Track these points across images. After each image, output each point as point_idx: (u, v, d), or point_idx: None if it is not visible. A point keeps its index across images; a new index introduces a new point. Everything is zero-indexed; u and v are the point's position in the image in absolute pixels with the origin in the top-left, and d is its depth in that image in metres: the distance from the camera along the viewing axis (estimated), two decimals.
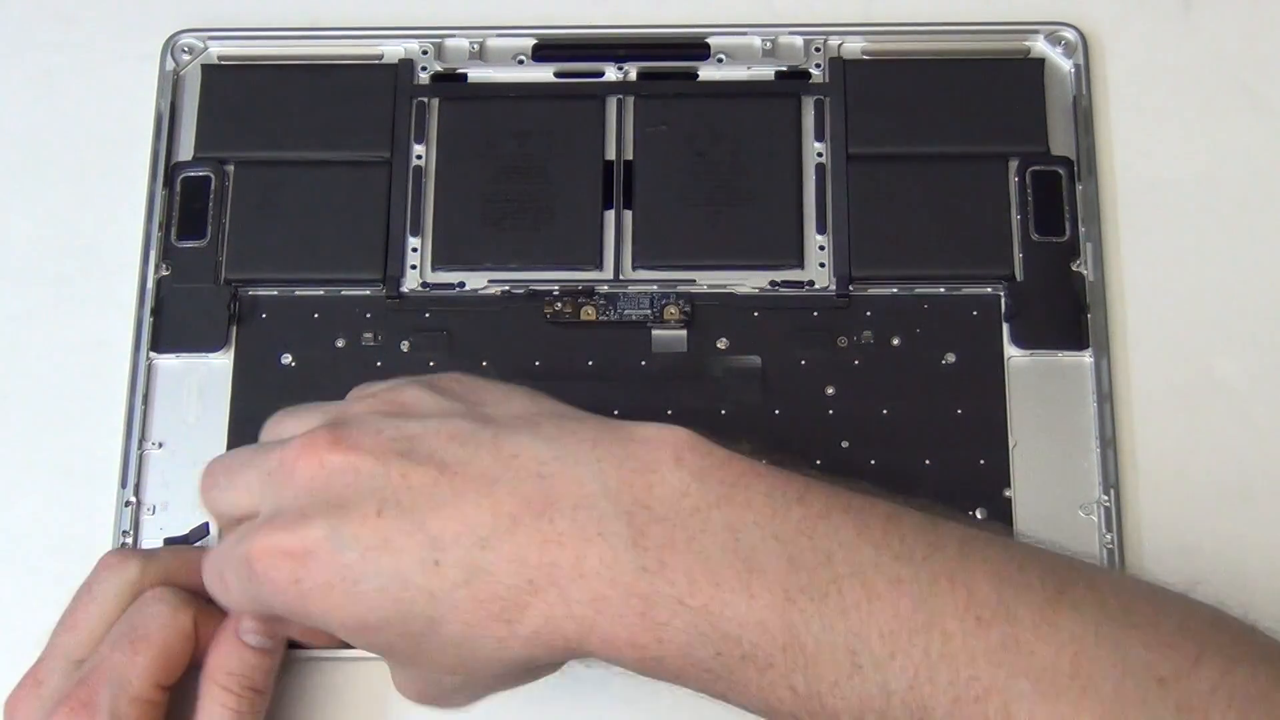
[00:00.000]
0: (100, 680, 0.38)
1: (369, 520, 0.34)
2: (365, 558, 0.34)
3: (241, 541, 0.35)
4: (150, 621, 0.39)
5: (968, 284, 0.48)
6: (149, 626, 0.39)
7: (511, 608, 0.33)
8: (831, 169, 0.49)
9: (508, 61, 0.51)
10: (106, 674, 0.38)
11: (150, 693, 0.38)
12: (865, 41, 0.51)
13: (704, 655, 0.33)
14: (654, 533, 0.33)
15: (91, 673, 0.38)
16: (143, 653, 0.38)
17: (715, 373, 0.47)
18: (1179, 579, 0.40)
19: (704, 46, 0.51)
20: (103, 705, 0.37)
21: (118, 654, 0.38)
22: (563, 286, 0.48)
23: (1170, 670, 0.31)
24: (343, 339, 0.48)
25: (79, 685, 0.38)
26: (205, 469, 0.39)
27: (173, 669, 0.39)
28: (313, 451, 0.35)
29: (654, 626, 0.33)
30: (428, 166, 0.50)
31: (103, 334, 0.48)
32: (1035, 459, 0.46)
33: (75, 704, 0.37)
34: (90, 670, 0.38)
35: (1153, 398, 0.47)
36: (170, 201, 0.49)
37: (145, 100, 0.51)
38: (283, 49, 0.51)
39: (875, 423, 0.46)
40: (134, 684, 0.38)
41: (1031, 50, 0.51)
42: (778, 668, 0.32)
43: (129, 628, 0.39)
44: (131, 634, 0.39)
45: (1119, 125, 0.50)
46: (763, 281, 0.48)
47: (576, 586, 0.33)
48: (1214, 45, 0.51)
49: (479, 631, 0.34)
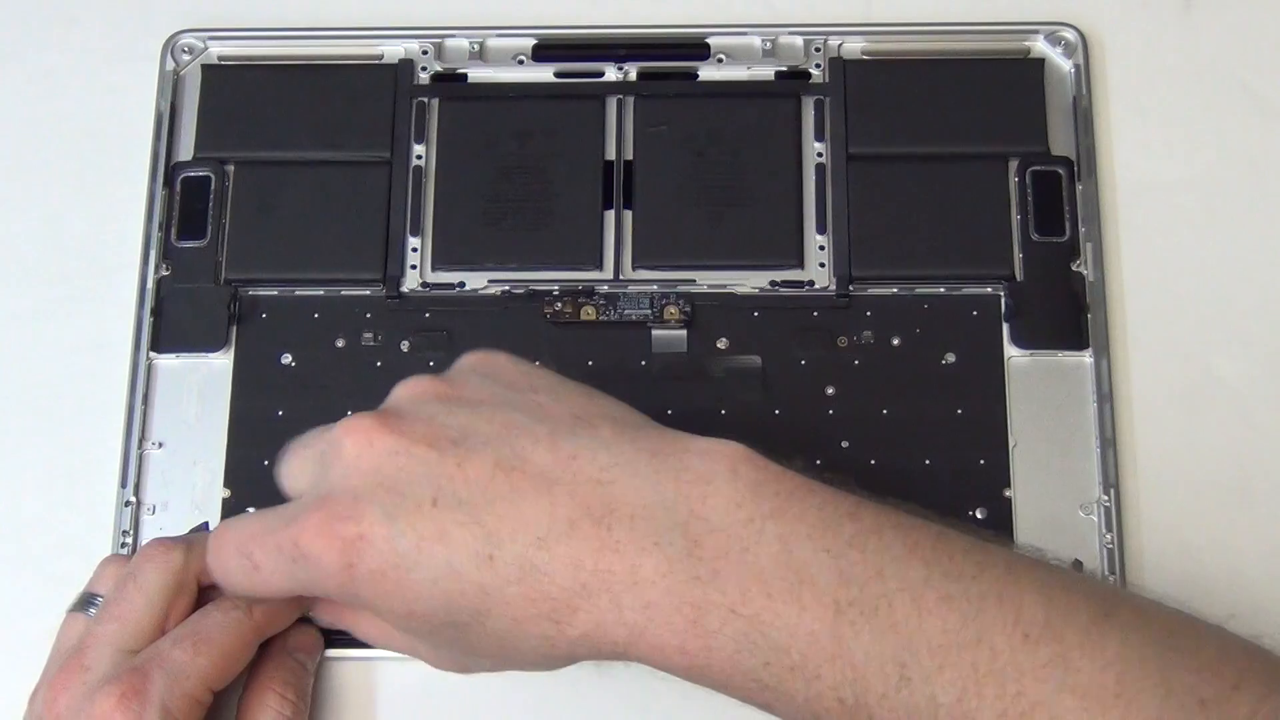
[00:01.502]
0: (155, 671, 0.38)
1: (424, 509, 0.34)
2: (420, 547, 0.34)
3: (289, 525, 0.35)
4: (215, 626, 0.39)
5: (968, 284, 0.48)
6: (214, 631, 0.39)
7: (562, 609, 0.34)
8: (831, 169, 0.49)
9: (508, 61, 0.51)
10: (163, 666, 0.38)
11: (202, 693, 0.38)
12: (865, 41, 0.51)
13: (753, 664, 0.33)
14: (708, 543, 0.33)
15: (147, 662, 0.38)
16: (204, 654, 0.38)
17: (715, 373, 0.47)
18: (1179, 579, 0.40)
19: (704, 46, 0.51)
20: (154, 696, 0.37)
21: (178, 651, 0.38)
22: (563, 286, 0.48)
23: (1211, 694, 0.31)
24: (343, 339, 0.48)
25: (132, 672, 0.38)
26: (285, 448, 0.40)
27: (227, 674, 0.39)
28: (361, 431, 0.35)
29: (704, 634, 0.33)
30: (428, 166, 0.50)
31: (103, 334, 0.48)
32: (1035, 459, 0.46)
33: (127, 689, 0.37)
34: (145, 660, 0.38)
35: (1153, 398, 0.47)
36: (170, 201, 0.49)
37: (145, 100, 0.51)
38: (283, 49, 0.51)
39: (875, 423, 0.46)
40: (189, 681, 0.38)
41: (1031, 50, 0.51)
42: (825, 679, 0.32)
43: (193, 629, 0.39)
44: (194, 635, 0.39)
45: (1119, 125, 0.50)
46: (763, 281, 0.48)
47: (630, 593, 0.33)
48: (1214, 45, 0.51)
49: (526, 629, 0.34)
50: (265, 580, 0.37)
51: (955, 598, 0.32)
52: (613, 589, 0.33)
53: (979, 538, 0.35)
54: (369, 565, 0.34)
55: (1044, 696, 0.31)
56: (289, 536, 0.35)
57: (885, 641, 0.32)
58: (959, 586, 0.33)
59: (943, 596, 0.32)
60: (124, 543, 0.45)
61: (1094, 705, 0.31)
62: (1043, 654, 0.32)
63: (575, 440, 0.35)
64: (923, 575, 0.33)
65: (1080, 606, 0.33)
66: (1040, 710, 0.31)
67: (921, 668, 0.32)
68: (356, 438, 0.35)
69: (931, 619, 0.32)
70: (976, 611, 0.32)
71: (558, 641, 0.34)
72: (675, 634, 0.33)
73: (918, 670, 0.32)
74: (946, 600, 0.32)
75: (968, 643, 0.32)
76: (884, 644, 0.32)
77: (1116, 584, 0.38)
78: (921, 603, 0.32)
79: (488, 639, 0.35)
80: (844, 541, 0.33)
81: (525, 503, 0.34)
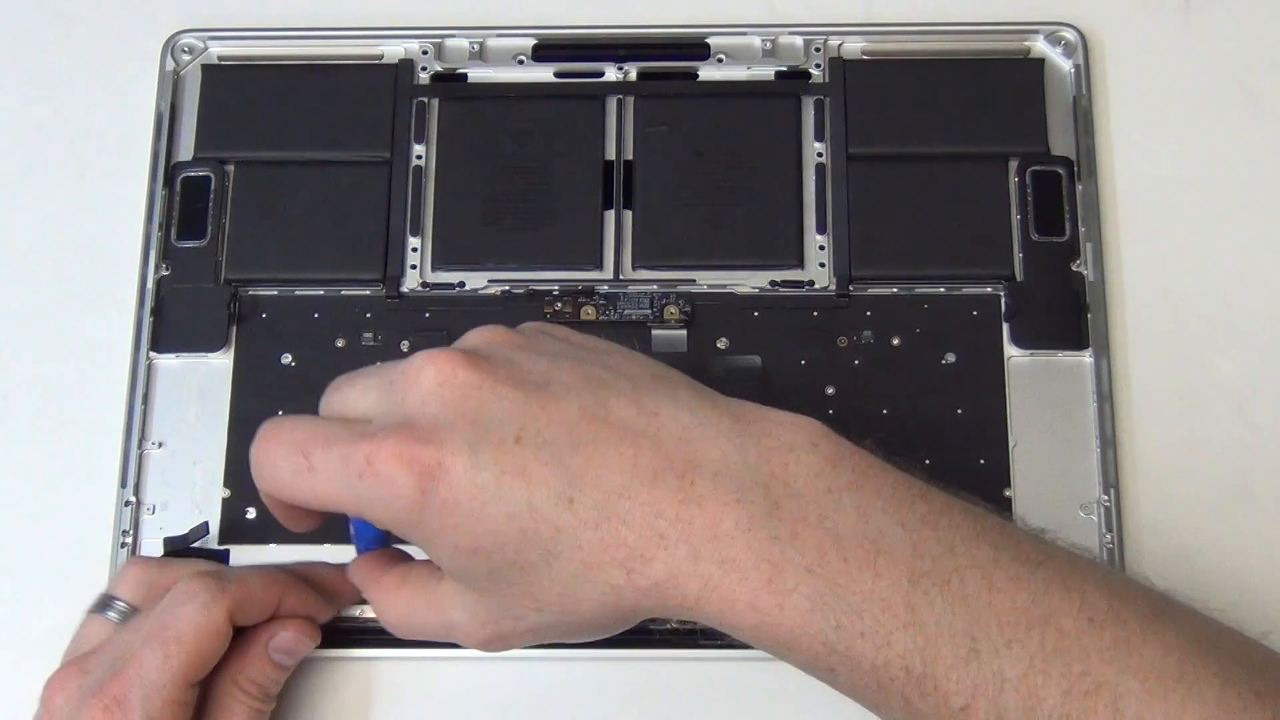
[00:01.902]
0: (132, 678, 0.38)
1: (507, 445, 0.34)
2: (500, 481, 0.34)
3: (364, 439, 0.34)
4: (185, 623, 0.39)
5: (968, 284, 0.48)
6: (184, 629, 0.39)
7: (637, 557, 0.34)
8: (831, 169, 0.49)
9: (508, 61, 0.51)
10: (138, 673, 0.38)
11: (182, 694, 0.38)
12: (865, 41, 0.51)
13: (823, 626, 0.33)
14: (789, 506, 0.34)
15: (123, 669, 0.38)
16: (175, 656, 0.38)
17: (715, 373, 0.47)
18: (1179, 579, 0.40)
19: (704, 46, 0.51)
20: (135, 705, 0.38)
21: (149, 653, 0.38)
22: (563, 286, 0.48)
23: (1266, 686, 0.32)
24: (343, 339, 0.48)
25: (111, 680, 0.38)
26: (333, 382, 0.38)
27: (204, 667, 0.39)
28: (444, 361, 0.35)
29: (779, 592, 0.33)
30: (428, 166, 0.50)
31: (103, 334, 0.48)
32: (1035, 459, 0.46)
33: (109, 700, 0.37)
34: (122, 667, 0.38)
35: (1153, 398, 0.47)
36: (170, 201, 0.49)
37: (145, 100, 0.51)
38: (283, 49, 0.51)
39: (875, 423, 0.46)
40: (167, 689, 0.38)
41: (1031, 50, 0.51)
42: (895, 647, 0.33)
43: (160, 626, 0.39)
44: (163, 633, 0.39)
45: (1119, 125, 0.50)
46: (763, 281, 0.48)
47: (709, 546, 0.33)
48: (1214, 45, 0.51)
49: (596, 574, 0.34)
50: (319, 485, 0.36)
51: (1023, 579, 0.33)
52: (692, 540, 0.33)
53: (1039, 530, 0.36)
54: (444, 494, 0.34)
55: (1109, 677, 0.32)
56: (361, 451, 0.34)
57: (957, 613, 0.33)
58: (1026, 569, 0.33)
59: (1011, 576, 0.33)
60: (124, 543, 0.45)
61: (1156, 687, 0.32)
62: (1108, 637, 0.32)
63: (657, 398, 0.35)
64: (991, 556, 0.33)
65: (1140, 598, 0.34)
66: (1105, 689, 0.32)
67: (991, 641, 0.32)
68: (440, 366, 0.35)
69: (1001, 596, 0.33)
70: (1043, 593, 0.33)
71: (625, 591, 0.34)
72: (749, 589, 0.33)
73: (987, 644, 0.32)
74: (1015, 580, 0.33)
75: (1036, 621, 0.32)
76: (956, 616, 0.33)
77: None
78: (992, 580, 0.33)
79: (552, 585, 0.34)
80: (917, 518, 0.34)
81: (610, 450, 0.34)
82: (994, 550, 0.34)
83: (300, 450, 0.36)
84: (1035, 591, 0.33)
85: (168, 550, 0.45)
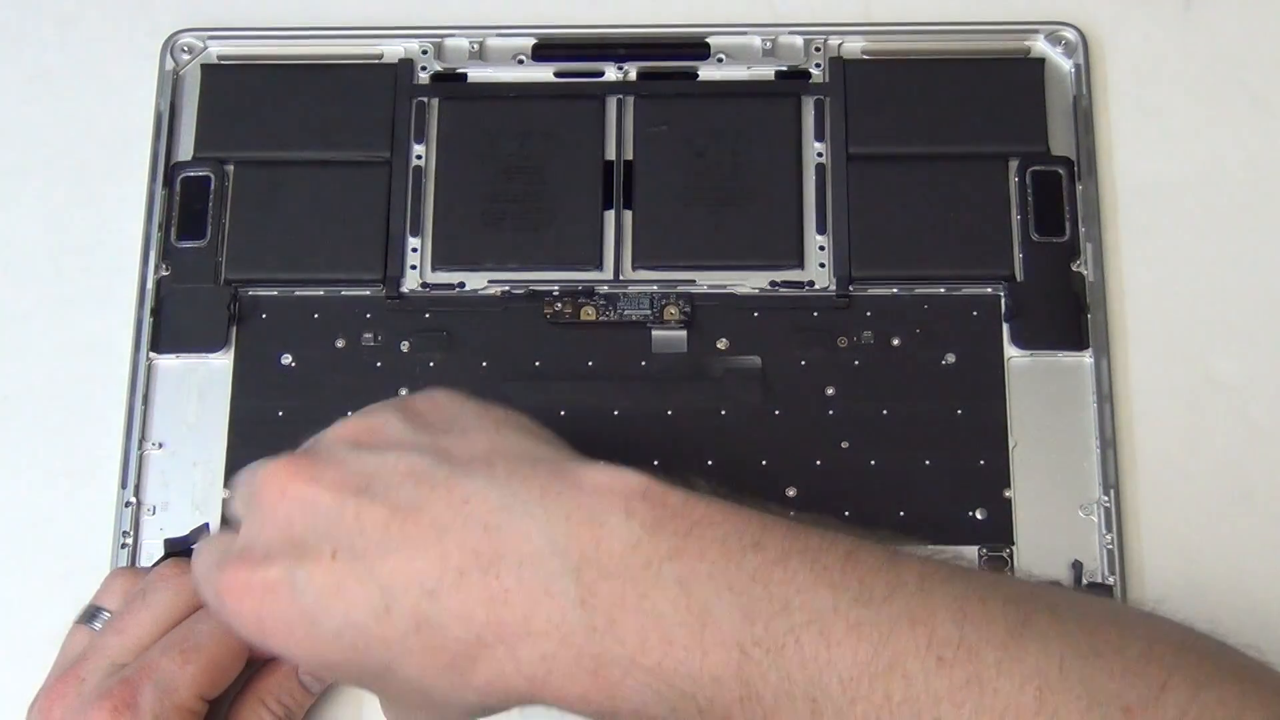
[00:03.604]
0: (145, 682, 0.38)
1: (323, 562, 0.34)
2: (320, 602, 0.34)
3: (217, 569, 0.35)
4: (204, 635, 0.39)
5: (968, 284, 0.48)
6: (203, 639, 0.39)
7: (462, 659, 0.33)
8: (831, 169, 0.49)
9: (508, 61, 0.51)
10: (152, 677, 0.38)
11: (193, 702, 0.39)
12: (865, 41, 0.51)
13: (660, 711, 0.32)
14: (603, 590, 0.32)
15: (136, 674, 0.38)
16: (194, 662, 0.39)
17: (715, 373, 0.47)
18: (1179, 579, 0.40)
19: (704, 46, 0.51)
20: (145, 707, 0.38)
21: (167, 660, 0.39)
22: (563, 287, 0.48)
23: (1136, 698, 0.30)
24: (343, 339, 0.48)
25: (122, 684, 0.38)
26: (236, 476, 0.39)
27: (219, 683, 0.39)
28: (275, 479, 0.35)
29: (607, 685, 0.32)
30: (428, 166, 0.50)
31: (103, 334, 0.48)
32: (1035, 459, 0.46)
33: (118, 702, 0.37)
34: (135, 671, 0.38)
35: (1153, 398, 0.47)
36: (170, 201, 0.49)
37: (145, 100, 0.51)
38: (283, 49, 0.51)
39: (875, 423, 0.46)
40: (180, 691, 0.38)
41: (1031, 50, 0.51)
42: None
43: (181, 638, 0.39)
44: (184, 644, 0.39)
45: (1119, 125, 0.50)
46: (763, 281, 0.48)
47: (525, 645, 0.32)
48: (1214, 45, 0.51)
49: (434, 678, 0.34)
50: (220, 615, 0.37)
51: (865, 624, 0.31)
52: (507, 639, 0.32)
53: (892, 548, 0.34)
54: (277, 618, 0.34)
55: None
56: (214, 583, 0.35)
57: (794, 679, 0.31)
58: (869, 612, 0.31)
59: (852, 625, 0.31)
60: (124, 543, 0.45)
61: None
62: (958, 676, 0.31)
63: (471, 481, 0.34)
64: (830, 603, 0.32)
65: (997, 618, 0.32)
66: None
67: (833, 702, 0.31)
68: (271, 487, 0.35)
69: (841, 650, 0.31)
70: (888, 637, 0.31)
71: (464, 690, 0.34)
72: (578, 684, 0.32)
73: (829, 705, 0.31)
74: (856, 629, 0.31)
75: (880, 672, 0.31)
76: (793, 682, 0.31)
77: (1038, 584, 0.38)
78: (830, 634, 0.31)
79: (406, 688, 0.34)
80: (747, 576, 0.32)
81: (417, 553, 0.33)
82: (834, 595, 0.32)
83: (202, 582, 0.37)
84: (879, 637, 0.31)
85: (168, 551, 0.45)
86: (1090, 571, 0.44)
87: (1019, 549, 0.45)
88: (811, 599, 0.32)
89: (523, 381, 0.47)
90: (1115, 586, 0.44)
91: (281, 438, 0.45)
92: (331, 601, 0.33)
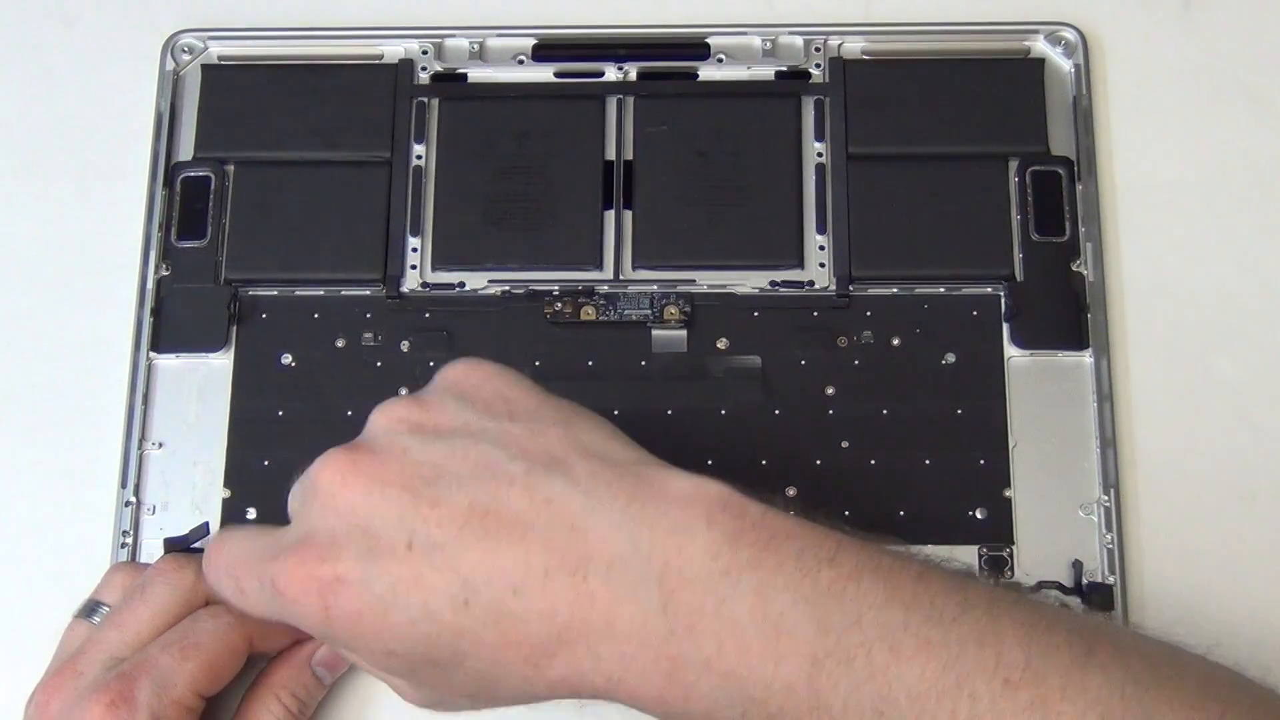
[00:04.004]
0: (143, 677, 0.38)
1: (399, 553, 0.34)
2: (395, 591, 0.34)
3: (271, 560, 0.35)
4: (204, 633, 0.39)
5: (968, 284, 0.48)
6: (202, 637, 0.39)
7: (540, 654, 0.34)
8: (831, 169, 0.49)
9: (508, 61, 0.51)
10: (151, 672, 0.38)
11: (191, 699, 0.39)
12: (865, 41, 0.51)
13: (730, 715, 0.33)
14: (683, 597, 0.33)
15: (134, 669, 0.38)
16: (192, 659, 0.39)
17: (715, 373, 0.47)
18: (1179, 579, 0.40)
19: (704, 46, 0.51)
20: (142, 702, 0.38)
21: (165, 656, 0.39)
22: (563, 286, 0.48)
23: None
24: (343, 339, 0.48)
25: (119, 678, 0.38)
26: None
27: (217, 681, 0.39)
28: (335, 470, 0.35)
29: (681, 686, 0.33)
30: (428, 166, 0.50)
31: (103, 334, 0.48)
32: (1035, 459, 0.46)
33: (115, 695, 0.38)
34: (133, 666, 0.38)
35: (1153, 398, 0.47)
36: (170, 201, 0.49)
37: (145, 100, 0.51)
38: (283, 49, 0.51)
39: (875, 423, 0.46)
40: (178, 688, 0.38)
41: (1031, 50, 0.51)
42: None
43: (181, 635, 0.39)
44: (183, 641, 0.39)
45: (1119, 125, 0.50)
46: (763, 281, 0.48)
47: (606, 644, 0.33)
48: (1214, 45, 0.51)
49: (505, 670, 0.34)
50: (251, 606, 0.37)
51: (935, 643, 0.32)
52: (588, 638, 0.33)
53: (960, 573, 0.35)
54: (345, 608, 0.34)
55: None
56: (269, 574, 0.35)
57: (863, 691, 0.32)
58: (939, 631, 0.32)
59: (922, 643, 0.32)
60: (124, 543, 0.45)
61: None
62: (1023, 699, 0.31)
63: (550, 483, 0.34)
64: (901, 621, 0.32)
65: (1062, 646, 0.32)
66: None
67: (900, 716, 0.32)
68: (331, 476, 0.35)
69: (910, 666, 0.32)
70: (956, 656, 0.32)
71: (536, 682, 0.34)
72: (652, 686, 0.33)
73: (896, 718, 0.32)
74: (926, 646, 0.32)
75: (948, 689, 0.32)
76: (861, 694, 0.32)
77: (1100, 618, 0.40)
78: (900, 650, 0.32)
79: (467, 679, 0.35)
80: (822, 590, 0.33)
81: (500, 548, 0.34)
82: (905, 613, 0.33)
83: (231, 574, 0.37)
84: (948, 655, 0.32)
85: (168, 550, 0.45)
86: (1090, 571, 0.44)
87: (1019, 549, 0.45)
88: (883, 615, 0.32)
89: None
90: (1115, 586, 0.44)
91: (281, 438, 0.46)
92: (408, 591, 0.34)
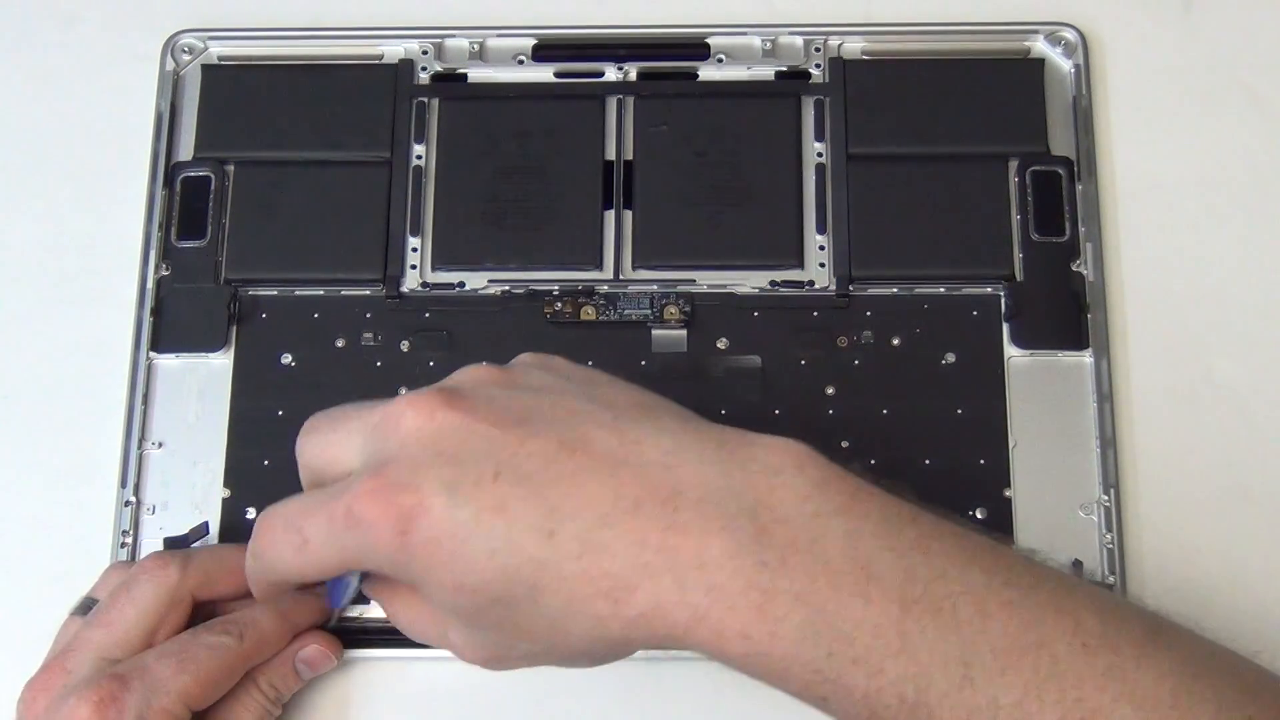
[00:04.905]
0: (135, 681, 0.38)
1: (485, 482, 0.34)
2: (479, 518, 0.33)
3: (341, 492, 0.35)
4: (203, 648, 0.39)
5: (968, 284, 0.48)
6: (201, 652, 0.39)
7: (622, 587, 0.33)
8: (831, 169, 0.49)
9: (508, 61, 0.51)
10: (144, 678, 0.38)
11: (180, 710, 0.39)
12: (865, 41, 0.51)
13: (815, 654, 0.33)
14: (777, 531, 0.33)
15: (128, 672, 0.38)
16: (188, 673, 0.39)
17: (715, 373, 0.47)
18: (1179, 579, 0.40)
19: (704, 46, 0.51)
20: (130, 705, 0.38)
21: (161, 665, 0.39)
22: (563, 286, 0.48)
23: (1260, 712, 0.32)
24: (343, 339, 0.48)
25: (111, 679, 0.38)
26: (308, 420, 0.39)
27: (208, 697, 0.40)
28: (423, 404, 0.35)
29: (770, 620, 0.33)
30: (428, 166, 0.50)
31: (103, 334, 0.48)
32: (1035, 459, 0.46)
33: (105, 695, 0.38)
34: (127, 670, 0.38)
35: (1153, 398, 0.47)
36: (170, 201, 0.49)
37: (145, 100, 0.51)
38: (283, 49, 0.51)
39: (875, 423, 0.46)
40: (168, 697, 0.38)
41: (1031, 50, 0.51)
42: (888, 674, 0.32)
43: (181, 647, 0.39)
44: (182, 653, 0.39)
45: (1119, 125, 0.50)
46: (763, 281, 0.48)
47: (694, 575, 0.33)
48: (1214, 45, 0.51)
49: (582, 606, 0.33)
50: (314, 555, 0.36)
51: (1016, 604, 0.33)
52: (676, 569, 0.33)
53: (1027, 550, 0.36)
54: (424, 534, 0.34)
55: (1103, 704, 0.32)
56: (342, 504, 0.34)
57: (949, 641, 0.32)
58: (1019, 594, 0.33)
59: (1004, 602, 0.33)
60: (124, 543, 0.45)
61: (1151, 715, 0.32)
62: (1100, 663, 0.32)
63: (639, 426, 0.35)
64: (983, 581, 0.33)
65: (1134, 620, 0.33)
66: (1099, 717, 0.32)
67: (985, 668, 0.32)
68: (419, 409, 0.35)
69: (994, 622, 0.32)
70: (1037, 619, 0.33)
71: (611, 623, 0.34)
72: (739, 618, 0.33)
73: (981, 670, 0.32)
74: (1008, 605, 0.33)
75: (1030, 647, 0.32)
76: (948, 643, 0.32)
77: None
78: (985, 606, 0.33)
79: (538, 619, 0.34)
80: (907, 543, 0.33)
81: (590, 481, 0.34)
82: (986, 575, 0.33)
83: (292, 526, 0.36)
84: (1029, 617, 0.33)
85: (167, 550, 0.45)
86: (1090, 571, 0.44)
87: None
88: (965, 573, 0.33)
89: None
90: (1115, 586, 0.44)
91: (282, 437, 0.46)
92: (492, 519, 0.33)
